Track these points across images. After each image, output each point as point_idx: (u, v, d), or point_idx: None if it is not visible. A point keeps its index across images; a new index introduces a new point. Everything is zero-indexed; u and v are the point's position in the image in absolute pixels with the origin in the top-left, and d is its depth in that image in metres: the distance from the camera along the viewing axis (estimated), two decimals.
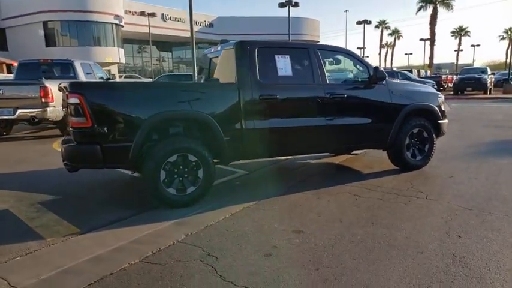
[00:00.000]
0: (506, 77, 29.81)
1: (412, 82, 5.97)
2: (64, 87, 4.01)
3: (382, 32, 73.71)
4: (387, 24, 73.29)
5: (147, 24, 37.21)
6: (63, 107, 5.13)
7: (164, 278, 2.71)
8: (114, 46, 36.15)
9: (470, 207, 3.93)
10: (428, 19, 44.54)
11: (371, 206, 4.06)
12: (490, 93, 25.28)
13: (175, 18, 44.86)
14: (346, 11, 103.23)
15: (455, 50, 73.98)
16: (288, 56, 4.75)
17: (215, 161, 4.39)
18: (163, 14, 42.58)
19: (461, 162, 6.01)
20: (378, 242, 3.17)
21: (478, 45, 79.53)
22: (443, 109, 5.76)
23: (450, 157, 6.37)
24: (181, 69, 56.30)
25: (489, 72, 27.30)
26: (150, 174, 3.98)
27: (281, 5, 31.05)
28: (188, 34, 48.88)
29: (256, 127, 4.46)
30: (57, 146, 8.15)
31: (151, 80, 28.71)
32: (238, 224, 3.66)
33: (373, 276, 2.63)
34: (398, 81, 5.40)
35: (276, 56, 4.70)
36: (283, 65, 4.71)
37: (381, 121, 5.20)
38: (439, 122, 5.67)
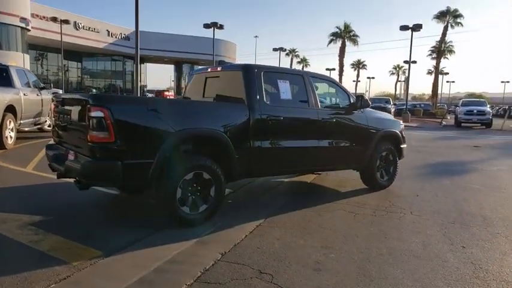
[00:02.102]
0: (403, 107, 33.79)
1: (377, 110, 6.60)
2: (83, 99, 3.74)
3: (292, 59, 78.22)
4: (297, 53, 78.14)
5: (56, 30, 34.55)
6: (52, 117, 4.69)
7: None
8: (18, 51, 32.78)
9: (452, 222, 4.54)
10: (337, 50, 48.69)
11: (373, 222, 4.45)
12: None
13: (89, 28, 42.49)
14: (256, 36, 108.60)
15: (354, 81, 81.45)
16: (288, 81, 5.03)
17: None
18: (76, 22, 40.01)
19: (414, 183, 6.78)
20: (404, 254, 3.52)
21: (373, 78, 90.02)
22: (403, 135, 6.51)
23: (402, 178, 7.09)
24: (87, 80, 53.10)
25: (391, 102, 30.74)
26: (168, 192, 3.88)
27: (206, 26, 31.48)
28: (101, 45, 46.26)
29: (262, 146, 4.62)
30: None
31: (60, 91, 26.51)
32: (264, 242, 3.74)
33: (424, 285, 2.95)
34: (370, 109, 5.98)
35: (278, 81, 4.94)
36: (285, 89, 4.97)
37: (360, 144, 5.72)
38: (401, 146, 6.40)
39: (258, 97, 4.59)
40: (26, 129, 9.40)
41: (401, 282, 2.98)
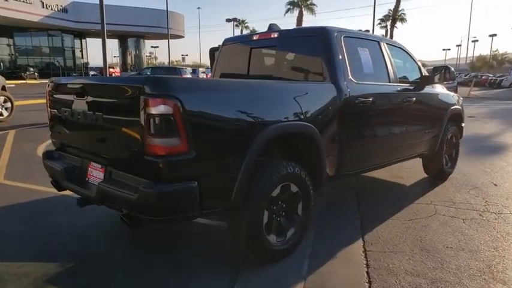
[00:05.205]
0: None
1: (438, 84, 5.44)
2: (131, 86, 2.26)
3: (241, 30, 75.90)
4: (246, 24, 75.94)
5: None
6: (49, 107, 3.11)
7: None
8: None
9: None
10: (294, 20, 47.33)
11: (499, 231, 3.43)
12: None
13: None
14: (198, 8, 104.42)
15: None
16: (367, 49, 3.79)
17: None
18: None
19: (467, 166, 5.82)
20: None
21: None
22: (464, 111, 5.53)
23: None
24: (19, 59, 47.75)
25: None
26: (254, 217, 2.59)
27: None
28: (34, 19, 41.57)
29: (351, 137, 3.40)
30: None
31: None
32: (406, 283, 2.59)
33: None
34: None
35: (359, 49, 3.69)
36: (366, 60, 3.73)
37: (436, 126, 4.67)
38: (462, 125, 5.44)
39: (343, 72, 3.32)
40: None
41: None
